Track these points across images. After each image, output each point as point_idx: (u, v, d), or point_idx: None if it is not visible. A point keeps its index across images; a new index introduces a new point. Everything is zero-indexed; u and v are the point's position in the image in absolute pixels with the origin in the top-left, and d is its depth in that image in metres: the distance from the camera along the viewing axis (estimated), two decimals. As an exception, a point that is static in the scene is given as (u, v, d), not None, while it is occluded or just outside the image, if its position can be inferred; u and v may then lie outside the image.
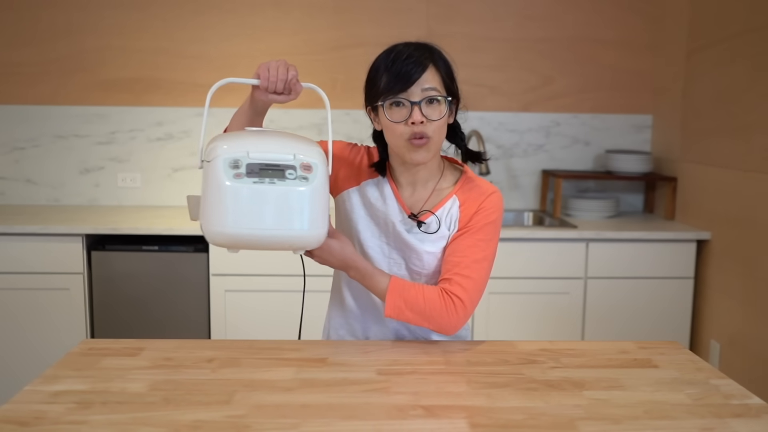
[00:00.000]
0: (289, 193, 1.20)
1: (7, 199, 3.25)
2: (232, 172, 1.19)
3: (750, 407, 1.14)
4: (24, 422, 1.04)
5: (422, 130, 1.33)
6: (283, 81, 1.32)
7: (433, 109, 1.34)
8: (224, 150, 1.21)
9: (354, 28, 3.22)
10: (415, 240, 1.42)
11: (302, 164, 1.22)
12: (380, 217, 1.44)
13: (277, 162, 1.21)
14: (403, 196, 1.45)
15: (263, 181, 1.19)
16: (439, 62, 1.37)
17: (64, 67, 3.20)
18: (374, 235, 1.45)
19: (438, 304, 1.35)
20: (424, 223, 1.42)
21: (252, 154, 1.21)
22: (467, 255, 1.39)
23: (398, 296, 1.35)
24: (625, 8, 3.28)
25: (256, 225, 1.20)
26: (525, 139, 3.34)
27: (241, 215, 1.19)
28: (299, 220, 1.21)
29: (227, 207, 1.19)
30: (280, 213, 1.20)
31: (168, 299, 2.75)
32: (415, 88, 1.32)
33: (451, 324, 1.36)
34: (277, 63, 1.32)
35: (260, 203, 1.19)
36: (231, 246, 1.24)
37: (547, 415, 1.09)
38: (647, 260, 2.81)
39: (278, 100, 1.35)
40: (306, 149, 1.25)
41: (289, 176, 1.21)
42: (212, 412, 1.08)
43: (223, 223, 1.19)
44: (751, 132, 2.55)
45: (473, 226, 1.41)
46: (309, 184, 1.21)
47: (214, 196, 1.20)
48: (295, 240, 1.23)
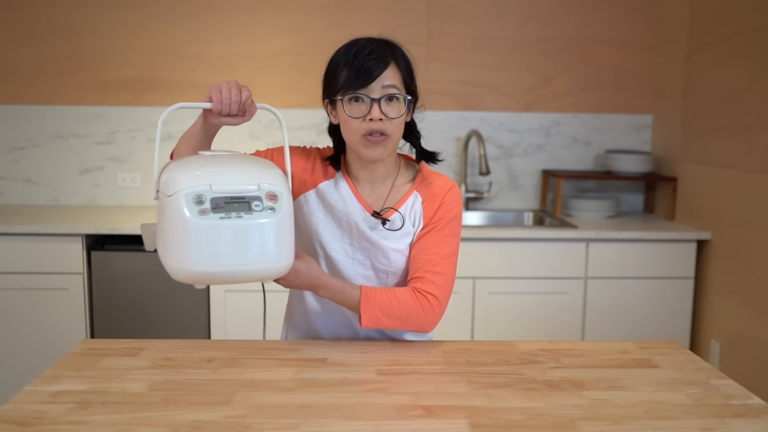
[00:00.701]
0: (257, 227, 1.15)
1: (6, 199, 3.25)
2: (196, 208, 1.13)
3: (750, 407, 1.14)
4: (24, 422, 1.04)
5: (381, 127, 1.32)
6: (237, 103, 1.27)
7: (392, 107, 1.33)
8: (185, 182, 1.15)
9: (354, 28, 3.22)
10: (380, 238, 1.41)
11: (268, 194, 1.18)
12: (341, 218, 1.42)
13: (242, 194, 1.16)
14: (363, 194, 1.43)
15: (230, 216, 1.14)
16: (400, 60, 1.35)
17: (64, 66, 3.20)
18: (336, 237, 1.43)
19: (413, 305, 1.35)
20: (388, 220, 1.41)
21: (215, 187, 1.15)
22: (436, 252, 1.39)
23: (373, 305, 1.34)
24: (626, 8, 3.28)
25: (223, 261, 1.15)
26: (525, 139, 3.34)
27: (208, 252, 1.14)
28: (267, 252, 1.18)
29: (193, 245, 1.13)
30: (247, 247, 1.16)
31: (168, 299, 2.75)
32: (376, 84, 1.31)
33: (429, 322, 1.37)
34: (228, 84, 1.28)
35: (228, 239, 1.14)
36: (196, 282, 1.20)
37: (548, 415, 1.09)
38: (647, 260, 2.81)
39: (231, 123, 1.31)
40: (268, 176, 1.21)
41: (255, 208, 1.16)
42: (212, 412, 1.08)
43: (190, 261, 1.14)
44: (751, 132, 2.55)
45: (438, 222, 1.41)
46: (276, 215, 1.17)
47: (178, 233, 1.14)
48: (263, 272, 1.20)
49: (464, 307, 2.79)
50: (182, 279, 1.19)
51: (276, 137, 3.25)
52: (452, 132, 3.31)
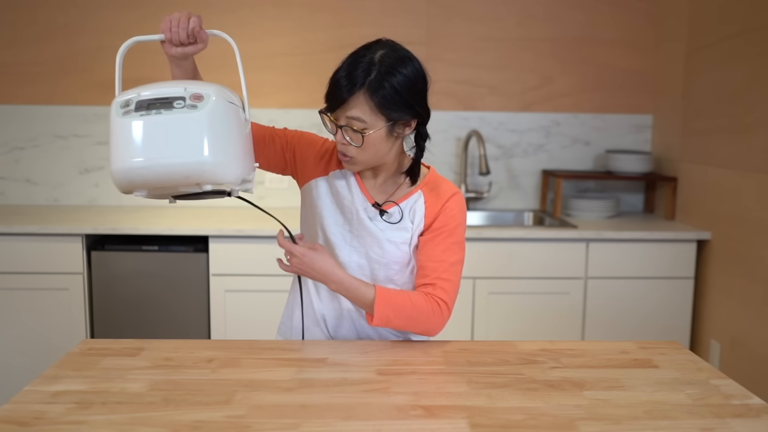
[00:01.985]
0: (176, 121, 1.19)
1: (6, 199, 3.25)
2: (122, 110, 1.20)
3: (750, 407, 1.14)
4: (24, 422, 1.04)
5: (343, 150, 1.38)
6: (184, 30, 1.32)
7: (354, 135, 1.35)
8: (120, 96, 1.23)
9: (354, 28, 3.22)
10: (376, 228, 1.45)
11: (192, 95, 1.21)
12: (345, 205, 1.47)
13: (165, 96, 1.21)
14: (368, 186, 1.49)
15: (150, 113, 1.19)
16: (376, 88, 1.32)
17: (64, 66, 3.20)
18: (337, 222, 1.47)
19: (425, 308, 1.39)
20: (387, 212, 1.45)
21: (143, 93, 1.22)
22: (444, 259, 1.43)
23: (386, 306, 1.37)
24: (626, 8, 3.28)
25: (149, 156, 1.18)
26: (525, 139, 3.34)
27: (133, 149, 1.18)
28: (194, 148, 1.19)
29: (119, 143, 1.19)
30: (172, 142, 1.18)
31: (168, 299, 2.75)
32: (340, 112, 1.35)
33: (437, 326, 1.41)
34: (179, 14, 1.33)
35: (151, 135, 1.18)
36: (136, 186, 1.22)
37: (548, 415, 1.09)
38: (647, 260, 2.81)
39: (186, 52, 1.36)
40: (202, 85, 1.24)
41: (177, 106, 1.20)
42: (212, 412, 1.08)
43: (120, 160, 1.19)
44: (751, 132, 2.55)
45: (443, 228, 1.44)
46: (198, 111, 1.20)
47: (111, 139, 1.21)
48: (196, 169, 1.19)
49: (464, 307, 2.79)
50: (120, 182, 1.21)
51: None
52: (452, 132, 3.31)
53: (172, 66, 1.41)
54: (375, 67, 1.33)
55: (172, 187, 1.23)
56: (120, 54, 1.30)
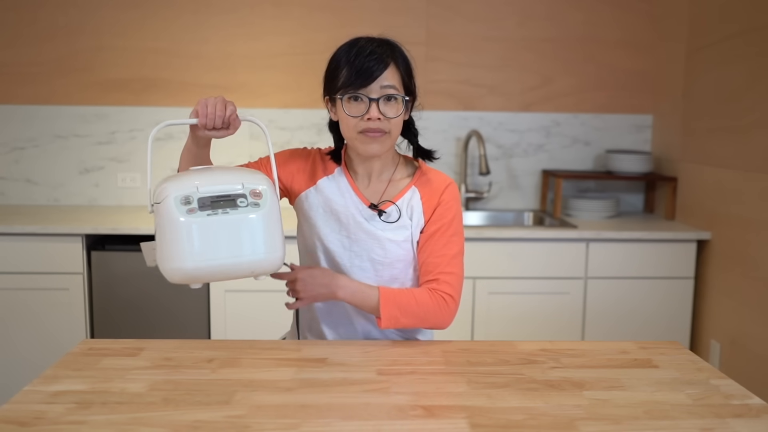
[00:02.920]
0: (243, 221, 1.22)
1: (6, 199, 3.25)
2: (184, 208, 1.21)
3: (750, 407, 1.14)
4: (24, 422, 1.04)
5: (378, 126, 1.37)
6: (221, 117, 1.32)
7: (390, 106, 1.37)
8: (173, 189, 1.23)
9: (354, 28, 3.21)
10: (375, 229, 1.45)
11: (252, 191, 1.25)
12: (339, 210, 1.46)
13: (227, 193, 1.23)
14: (360, 188, 1.48)
15: (216, 212, 1.21)
16: (399, 60, 1.39)
17: (64, 66, 3.20)
18: (334, 230, 1.47)
19: (431, 304, 1.40)
20: (385, 212, 1.45)
21: (201, 189, 1.23)
22: (445, 253, 1.44)
23: (392, 306, 1.38)
24: (626, 8, 3.28)
25: (214, 256, 1.21)
26: (525, 139, 3.34)
27: (198, 249, 1.20)
28: (256, 246, 1.24)
29: (184, 243, 1.20)
30: (236, 241, 1.22)
31: (168, 299, 2.75)
32: (375, 85, 1.35)
33: (446, 320, 1.42)
34: (215, 100, 1.32)
35: (216, 234, 1.21)
36: (191, 281, 1.25)
37: (548, 415, 1.09)
38: (647, 260, 2.81)
39: (217, 136, 1.35)
40: (251, 177, 1.28)
41: (240, 204, 1.23)
42: (212, 412, 1.08)
43: (182, 259, 1.20)
44: (751, 132, 2.55)
45: (440, 222, 1.45)
46: (261, 209, 1.24)
47: (170, 235, 1.21)
48: (253, 266, 1.25)
49: (464, 307, 2.79)
50: (178, 279, 1.24)
51: (275, 138, 3.26)
52: (452, 132, 3.31)
53: (193, 140, 1.39)
54: (390, 45, 1.39)
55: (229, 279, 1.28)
56: (151, 137, 1.30)
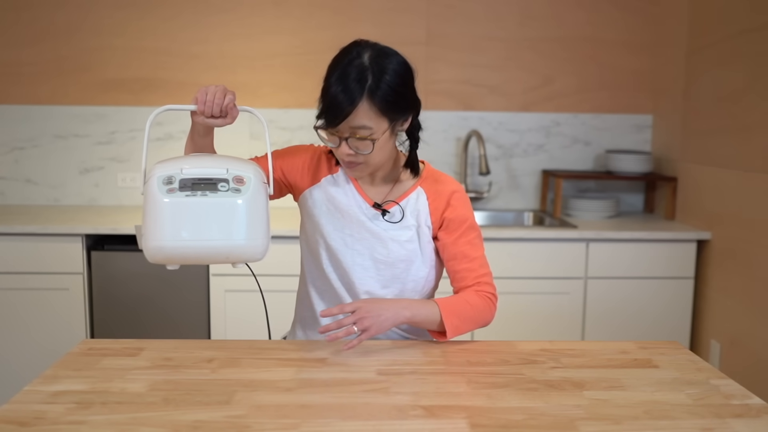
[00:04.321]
0: (221, 205, 1.23)
1: (6, 199, 3.25)
2: (165, 188, 1.23)
3: (750, 407, 1.14)
4: (24, 422, 1.04)
5: (352, 159, 1.37)
6: (218, 105, 1.33)
7: (362, 143, 1.35)
8: (159, 169, 1.25)
9: (354, 28, 3.22)
10: (379, 229, 1.45)
11: (235, 177, 1.25)
12: (343, 209, 1.46)
13: (209, 176, 1.24)
14: (364, 188, 1.49)
15: (195, 194, 1.22)
16: (375, 92, 1.31)
17: (64, 66, 3.20)
18: (337, 228, 1.47)
19: (482, 306, 1.45)
20: (388, 212, 1.46)
21: (185, 171, 1.24)
22: (476, 256, 1.49)
23: (454, 317, 1.41)
24: (625, 8, 3.28)
25: (190, 237, 1.22)
26: (525, 139, 3.34)
27: (174, 229, 1.22)
28: (234, 231, 1.24)
29: (162, 221, 1.22)
30: (214, 224, 1.23)
31: (168, 299, 2.75)
32: (344, 125, 1.32)
33: (492, 317, 1.48)
34: (215, 88, 1.33)
35: (193, 216, 1.22)
36: (170, 261, 1.26)
37: (547, 415, 1.09)
38: (647, 260, 2.81)
39: (215, 124, 1.36)
40: (240, 165, 1.28)
41: (221, 188, 1.24)
42: (212, 412, 1.08)
43: (159, 237, 1.22)
44: (751, 132, 2.55)
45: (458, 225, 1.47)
46: (242, 195, 1.24)
47: (150, 214, 1.23)
48: (232, 251, 1.25)
49: (464, 307, 2.79)
50: (155, 257, 1.25)
51: (275, 138, 3.26)
52: (452, 132, 3.31)
53: (194, 129, 1.41)
54: (369, 71, 1.31)
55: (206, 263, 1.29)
56: (150, 120, 1.31)
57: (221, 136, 1.50)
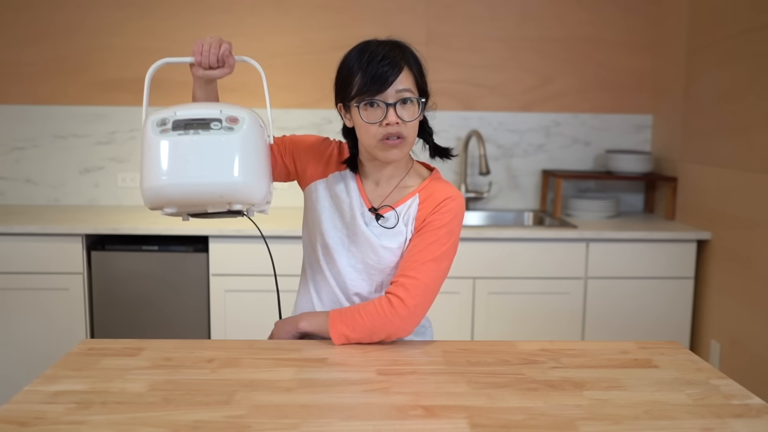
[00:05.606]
0: (214, 142, 1.22)
1: (6, 199, 3.25)
2: (158, 129, 1.23)
3: (750, 407, 1.14)
4: (24, 422, 1.04)
5: (397, 130, 1.35)
6: (215, 55, 1.35)
7: (406, 110, 1.36)
8: (154, 114, 1.26)
9: (354, 28, 3.22)
10: (371, 234, 1.44)
11: (228, 117, 1.25)
12: (344, 209, 1.46)
13: (202, 117, 1.24)
14: (367, 189, 1.48)
15: (188, 133, 1.22)
16: (411, 62, 1.38)
17: (64, 67, 3.20)
18: (336, 226, 1.47)
19: (377, 312, 1.37)
20: (383, 216, 1.44)
21: (179, 113, 1.25)
22: (416, 258, 1.40)
23: (339, 323, 1.38)
24: (625, 8, 3.28)
25: (183, 175, 1.21)
26: (525, 139, 3.34)
27: (169, 167, 1.21)
28: (226, 168, 1.23)
29: (155, 161, 1.22)
30: (207, 162, 1.22)
31: (168, 299, 2.75)
32: (391, 89, 1.34)
33: (398, 326, 1.37)
34: (211, 39, 1.35)
35: (186, 154, 1.21)
36: (167, 203, 1.25)
37: (548, 415, 1.09)
38: (647, 260, 2.81)
39: (213, 75, 1.38)
40: (236, 108, 1.28)
41: (214, 127, 1.23)
42: (212, 412, 1.08)
43: (154, 178, 1.22)
44: (751, 132, 2.55)
45: (427, 228, 1.42)
46: (235, 133, 1.23)
47: (145, 156, 1.23)
48: (226, 189, 1.23)
49: (464, 307, 2.79)
50: (150, 199, 1.24)
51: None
52: (452, 132, 3.31)
53: (195, 85, 1.43)
54: (401, 48, 1.38)
55: (202, 205, 1.27)
56: (149, 74, 1.32)
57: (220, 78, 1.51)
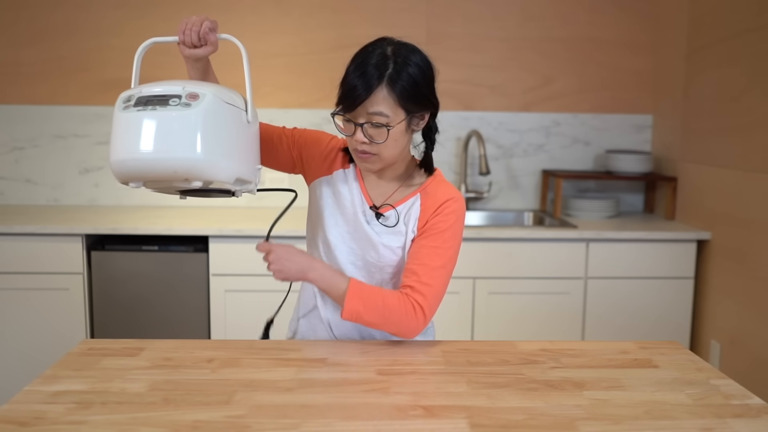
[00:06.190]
0: (169, 118, 1.23)
1: (6, 199, 3.25)
2: (122, 105, 1.25)
3: (750, 407, 1.14)
4: (24, 422, 1.04)
5: (365, 149, 1.35)
6: (196, 33, 1.36)
7: (377, 131, 1.33)
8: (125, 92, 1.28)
9: (354, 28, 3.22)
10: (372, 232, 1.44)
11: (189, 94, 1.25)
12: (345, 206, 1.47)
13: (163, 93, 1.25)
14: (369, 188, 1.48)
15: (146, 109, 1.23)
16: (395, 80, 1.31)
17: (64, 67, 3.20)
18: (337, 223, 1.47)
19: (399, 308, 1.36)
20: (383, 215, 1.45)
21: (144, 90, 1.26)
22: (426, 263, 1.39)
23: (357, 300, 1.35)
24: (625, 8, 3.28)
25: (141, 150, 1.22)
26: (525, 139, 3.34)
27: (129, 142, 1.23)
28: (184, 144, 1.22)
29: (117, 135, 1.24)
30: (166, 138, 1.22)
31: (168, 299, 2.75)
32: (360, 109, 1.32)
33: (410, 328, 1.37)
34: (195, 17, 1.36)
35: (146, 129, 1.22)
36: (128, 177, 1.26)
37: (548, 415, 1.09)
38: (647, 260, 2.81)
39: (197, 54, 1.39)
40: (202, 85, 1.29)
41: (172, 103, 1.24)
42: (212, 412, 1.08)
43: (115, 152, 1.24)
44: (751, 132, 2.55)
45: (431, 230, 1.41)
46: (191, 109, 1.23)
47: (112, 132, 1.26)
48: (185, 165, 1.23)
49: (464, 307, 2.79)
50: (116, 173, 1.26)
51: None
52: (452, 132, 3.31)
53: (187, 66, 1.45)
54: (390, 60, 1.32)
55: (164, 182, 1.27)
56: (138, 54, 1.35)
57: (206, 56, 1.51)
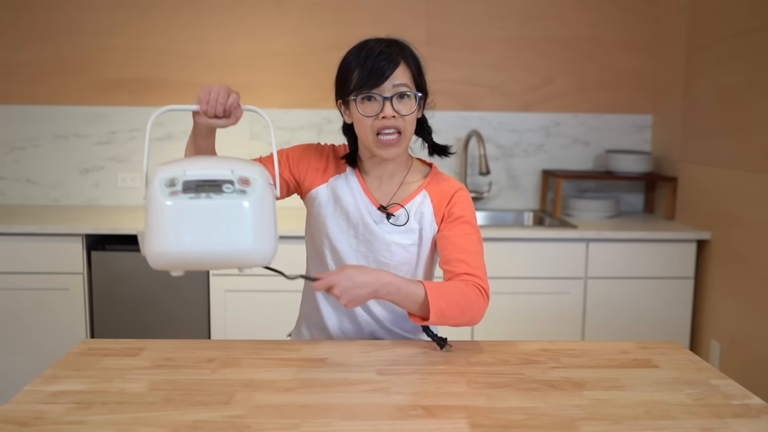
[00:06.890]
0: (226, 207, 1.17)
1: (6, 199, 3.25)
2: (168, 190, 1.16)
3: (750, 407, 1.14)
4: (24, 422, 1.04)
5: (393, 124, 1.37)
6: (222, 105, 1.30)
7: (403, 104, 1.38)
8: (162, 172, 1.19)
9: (354, 28, 3.22)
10: (383, 232, 1.45)
11: (240, 179, 1.19)
12: (349, 210, 1.46)
13: (214, 177, 1.18)
14: (371, 188, 1.48)
15: (199, 196, 1.16)
16: (409, 59, 1.41)
17: (64, 67, 3.20)
18: (342, 229, 1.47)
19: (472, 295, 1.37)
20: (393, 215, 1.45)
21: (189, 172, 1.18)
22: (468, 249, 1.42)
23: (440, 299, 1.33)
24: (626, 8, 3.29)
25: (195, 242, 1.16)
26: (525, 139, 3.34)
27: (178, 233, 1.15)
28: (241, 234, 1.17)
29: (164, 225, 1.15)
30: (219, 227, 1.16)
31: (168, 299, 2.75)
32: (387, 83, 1.36)
33: (481, 312, 1.39)
34: (219, 87, 1.30)
35: (198, 219, 1.15)
36: (174, 267, 1.20)
37: (548, 415, 1.09)
38: (647, 260, 2.81)
39: (218, 125, 1.33)
40: (245, 166, 1.22)
41: (226, 190, 1.17)
42: (212, 412, 1.08)
43: (163, 243, 1.16)
44: (751, 132, 2.55)
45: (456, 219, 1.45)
46: (248, 197, 1.18)
47: (152, 218, 1.16)
48: (238, 255, 1.19)
49: (464, 307, 2.78)
50: (158, 264, 1.19)
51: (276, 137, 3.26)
52: (452, 132, 3.31)
53: (194, 133, 1.39)
54: (399, 45, 1.41)
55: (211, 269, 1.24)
56: (151, 121, 1.26)
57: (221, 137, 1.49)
